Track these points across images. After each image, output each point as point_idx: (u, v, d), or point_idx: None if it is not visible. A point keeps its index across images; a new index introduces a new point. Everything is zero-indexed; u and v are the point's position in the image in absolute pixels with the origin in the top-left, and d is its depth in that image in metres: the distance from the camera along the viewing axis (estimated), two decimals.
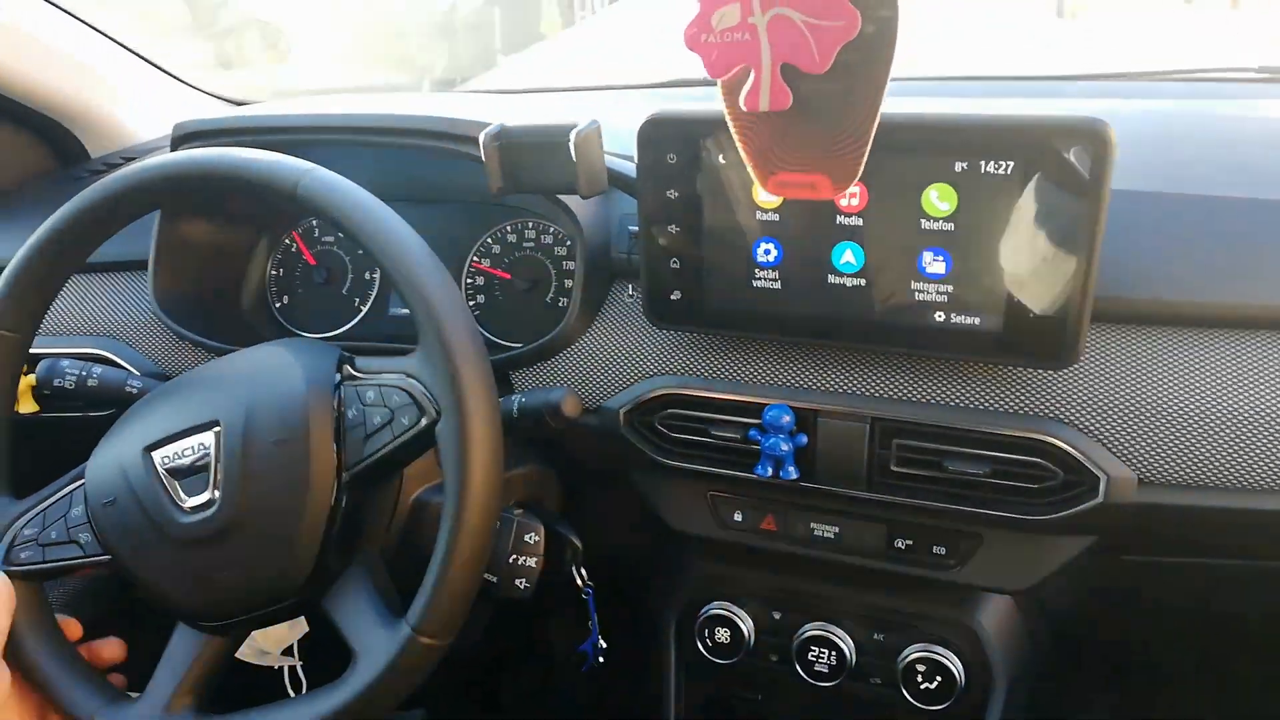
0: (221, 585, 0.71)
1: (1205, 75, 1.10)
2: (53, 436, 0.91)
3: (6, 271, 0.77)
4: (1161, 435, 0.75)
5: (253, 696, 0.75)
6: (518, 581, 0.81)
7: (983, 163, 0.70)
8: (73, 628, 0.80)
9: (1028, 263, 0.71)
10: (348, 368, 0.74)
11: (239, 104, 1.42)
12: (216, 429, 0.71)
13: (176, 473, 0.71)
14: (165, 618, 0.75)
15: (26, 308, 0.78)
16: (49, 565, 0.75)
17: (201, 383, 0.76)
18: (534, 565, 0.81)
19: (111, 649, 0.81)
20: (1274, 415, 0.73)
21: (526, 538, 0.81)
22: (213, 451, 0.71)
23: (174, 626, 0.75)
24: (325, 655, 0.91)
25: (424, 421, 0.68)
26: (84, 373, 0.94)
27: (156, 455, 0.72)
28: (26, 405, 0.96)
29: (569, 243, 1.00)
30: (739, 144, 0.60)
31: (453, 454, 0.65)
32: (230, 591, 0.71)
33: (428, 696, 0.76)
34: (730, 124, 0.60)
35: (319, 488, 0.69)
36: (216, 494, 0.70)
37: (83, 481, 0.76)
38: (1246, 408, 0.73)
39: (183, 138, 1.02)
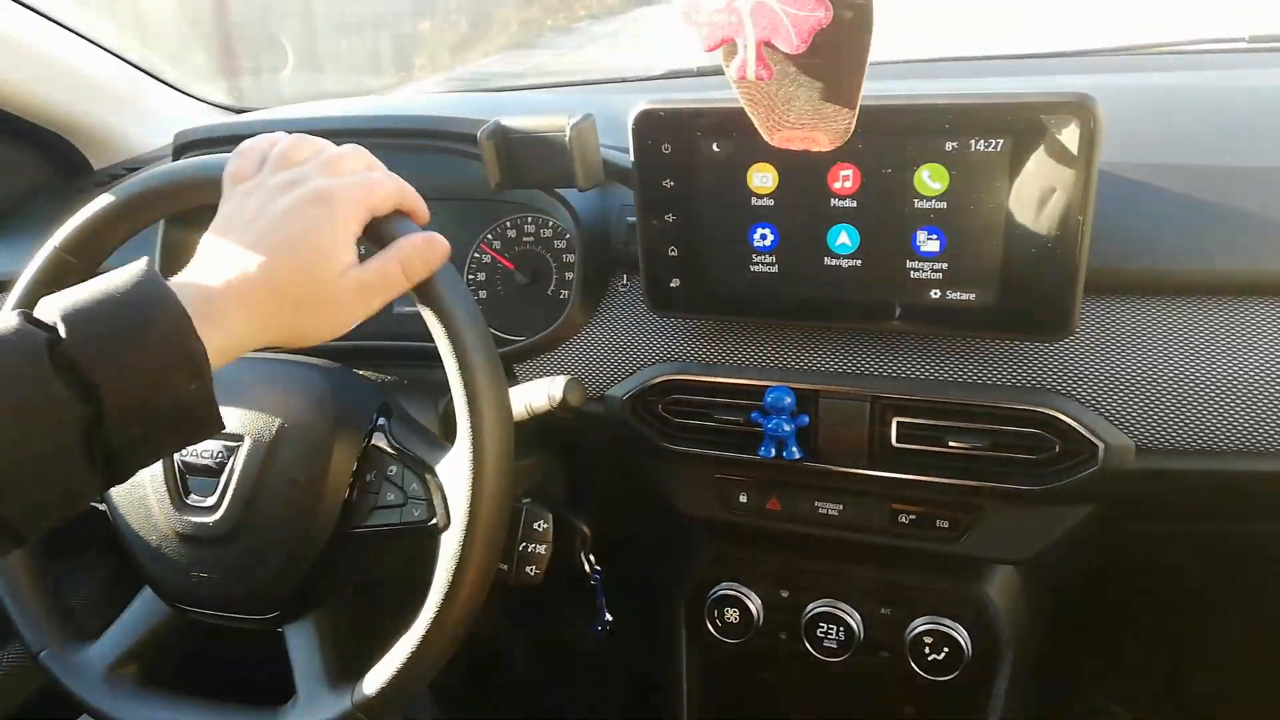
0: (197, 585, 0.74)
1: (1194, 48, 1.10)
2: None
3: (14, 289, 0.76)
4: (1158, 403, 0.76)
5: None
6: (528, 569, 0.82)
7: (973, 141, 0.71)
8: None
9: (1021, 238, 0.72)
10: (383, 421, 0.74)
11: (238, 111, 1.43)
12: (239, 445, 0.72)
13: (191, 467, 0.73)
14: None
15: None
16: None
17: (239, 386, 0.75)
18: (543, 552, 0.82)
19: None
20: (1266, 380, 0.74)
21: (535, 525, 0.82)
22: (229, 463, 0.72)
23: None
24: None
25: (432, 522, 0.70)
26: None
27: None
28: None
29: (568, 236, 1.01)
30: (745, 104, 0.67)
31: (447, 566, 0.67)
32: (203, 591, 0.74)
33: (442, 688, 0.77)
34: (735, 88, 0.66)
35: (314, 536, 0.71)
36: (222, 504, 0.72)
37: None
38: (1240, 373, 0.74)
39: (184, 146, 1.03)
